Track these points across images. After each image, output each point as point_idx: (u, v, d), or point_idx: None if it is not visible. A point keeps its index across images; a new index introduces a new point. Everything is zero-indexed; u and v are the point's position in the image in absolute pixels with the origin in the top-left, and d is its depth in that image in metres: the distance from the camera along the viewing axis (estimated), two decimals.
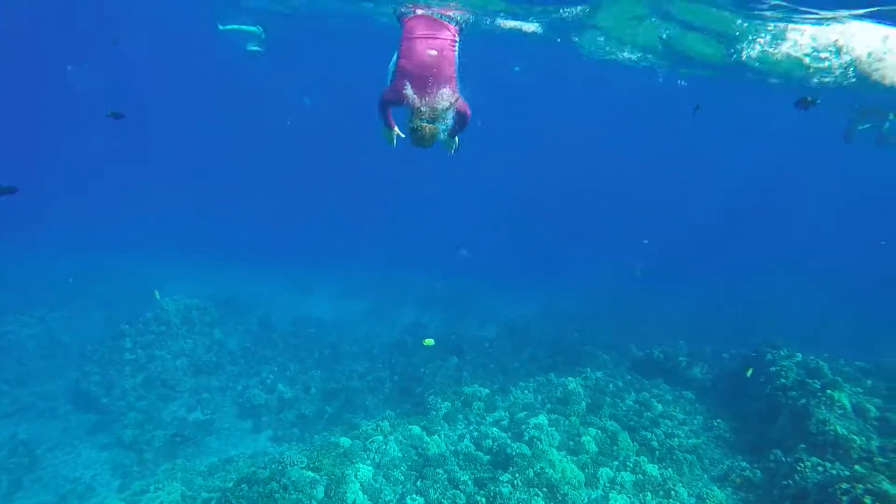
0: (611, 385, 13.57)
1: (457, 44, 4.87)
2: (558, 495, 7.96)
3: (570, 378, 13.32)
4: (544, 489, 8.18)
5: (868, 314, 25.70)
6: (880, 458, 8.37)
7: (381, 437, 10.38)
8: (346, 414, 15.96)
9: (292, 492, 8.29)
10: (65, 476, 12.83)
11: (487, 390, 13.03)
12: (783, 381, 11.01)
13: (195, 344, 17.16)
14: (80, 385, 15.38)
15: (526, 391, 13.28)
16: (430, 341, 11.38)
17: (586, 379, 13.56)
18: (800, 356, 12.19)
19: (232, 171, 56.81)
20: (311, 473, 8.82)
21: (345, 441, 10.33)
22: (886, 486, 7.44)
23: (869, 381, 12.09)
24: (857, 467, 8.04)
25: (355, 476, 8.83)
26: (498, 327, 23.71)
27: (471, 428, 11.41)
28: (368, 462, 9.57)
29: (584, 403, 11.78)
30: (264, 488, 8.15)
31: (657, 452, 9.71)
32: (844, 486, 7.52)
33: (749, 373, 11.81)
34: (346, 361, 19.69)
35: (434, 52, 4.60)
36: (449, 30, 4.82)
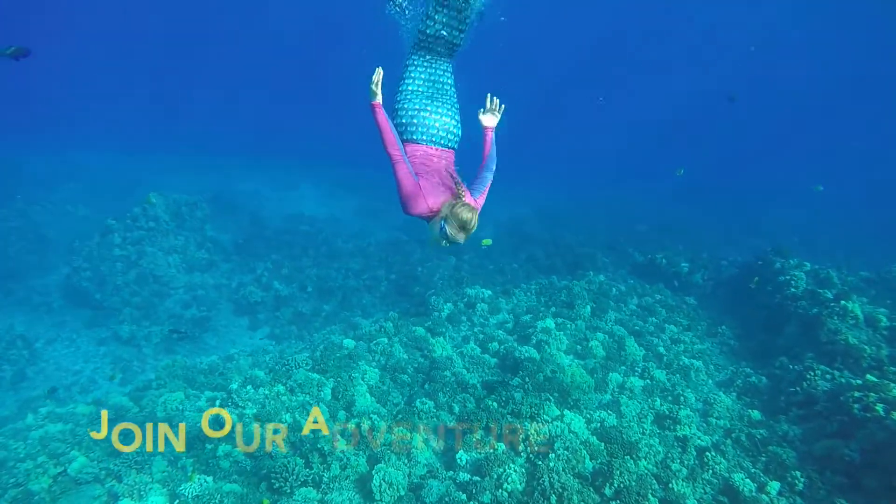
0: (614, 289, 13.43)
1: None
2: (570, 400, 7.95)
3: (574, 281, 13.15)
4: (555, 394, 8.15)
5: (856, 227, 25.77)
6: (891, 367, 8.39)
7: (385, 339, 10.25)
8: (344, 312, 15.92)
9: (299, 394, 8.18)
10: (66, 368, 12.79)
11: (490, 292, 12.86)
12: (793, 290, 10.89)
13: (187, 240, 16.63)
14: (71, 280, 15.00)
15: (528, 293, 13.14)
16: (488, 241, 10.45)
17: (590, 283, 13.40)
18: (809, 265, 12.02)
19: (215, 72, 53.32)
20: (316, 375, 8.69)
21: (349, 343, 10.19)
22: None
23: (873, 291, 12.08)
24: (868, 376, 8.04)
25: (362, 378, 8.73)
26: (494, 228, 23.39)
27: (475, 330, 11.32)
28: (374, 364, 9.48)
29: (588, 307, 11.67)
30: (270, 390, 8.02)
31: (664, 358, 9.71)
32: (857, 394, 7.54)
33: (755, 283, 11.67)
34: (341, 259, 19.39)
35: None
36: None
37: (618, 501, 5.99)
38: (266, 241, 19.63)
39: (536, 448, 6.73)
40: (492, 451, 6.82)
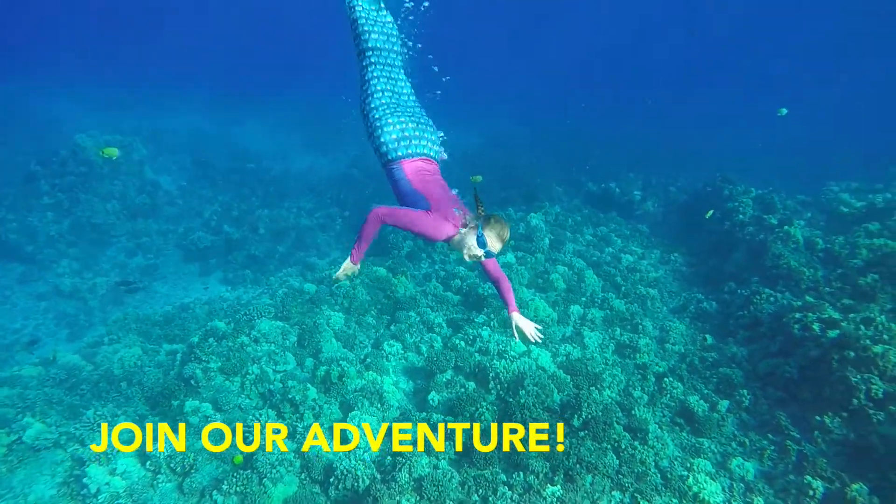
0: (570, 220, 13.61)
1: None
2: None
3: (531, 213, 13.22)
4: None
5: (790, 152, 26.69)
6: (826, 288, 8.98)
7: (346, 282, 10.09)
8: (299, 253, 15.59)
9: (264, 343, 8.03)
10: (4, 327, 12.04)
11: None
12: (741, 217, 11.33)
13: (125, 185, 15.54)
14: None
15: None
16: (478, 178, 9.87)
17: (546, 214, 13.51)
18: (755, 191, 12.46)
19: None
20: (280, 323, 8.53)
21: (310, 287, 9.99)
22: (831, 312, 8.04)
23: (809, 214, 12.72)
24: (807, 297, 8.60)
25: (327, 324, 8.62)
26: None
27: (436, 267, 11.30)
28: (337, 308, 9.35)
29: (547, 240, 11.81)
30: (234, 342, 7.82)
31: (622, 288, 10.03)
32: (797, 315, 8.06)
33: (710, 215, 11.93)
34: (292, 198, 18.75)
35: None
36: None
37: (586, 431, 6.30)
38: (212, 182, 18.65)
39: (506, 386, 6.92)
40: (462, 390, 6.97)
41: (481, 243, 3.25)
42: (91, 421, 6.66)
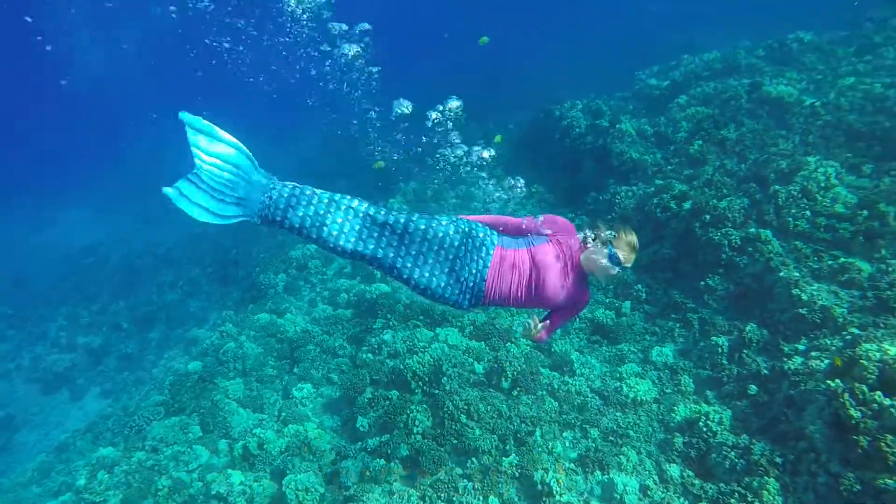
0: (429, 190, 13.55)
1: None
2: (436, 316, 7.96)
3: (389, 200, 12.96)
4: (421, 317, 8.11)
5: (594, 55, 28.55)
6: (668, 167, 9.68)
7: (232, 343, 9.22)
8: (176, 331, 14.13)
9: (165, 449, 7.11)
10: None
11: (313, 246, 12.19)
12: (577, 130, 11.85)
13: None
14: None
15: None
16: (380, 164, 9.19)
17: (405, 195, 13.38)
18: (580, 103, 13.11)
19: None
20: (175, 418, 7.60)
21: (195, 365, 9.01)
22: (679, 186, 8.67)
23: (631, 106, 13.69)
24: (656, 181, 9.21)
25: (227, 396, 7.83)
26: (300, 159, 21.76)
27: (318, 290, 10.73)
28: (232, 374, 8.53)
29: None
30: (129, 464, 6.82)
31: None
32: (654, 200, 8.60)
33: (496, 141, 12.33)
34: (147, 277, 16.94)
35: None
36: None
37: (518, 389, 6.27)
38: (44, 297, 16.31)
39: (427, 379, 6.68)
40: (387, 402, 6.63)
41: (614, 261, 2.83)
42: None
